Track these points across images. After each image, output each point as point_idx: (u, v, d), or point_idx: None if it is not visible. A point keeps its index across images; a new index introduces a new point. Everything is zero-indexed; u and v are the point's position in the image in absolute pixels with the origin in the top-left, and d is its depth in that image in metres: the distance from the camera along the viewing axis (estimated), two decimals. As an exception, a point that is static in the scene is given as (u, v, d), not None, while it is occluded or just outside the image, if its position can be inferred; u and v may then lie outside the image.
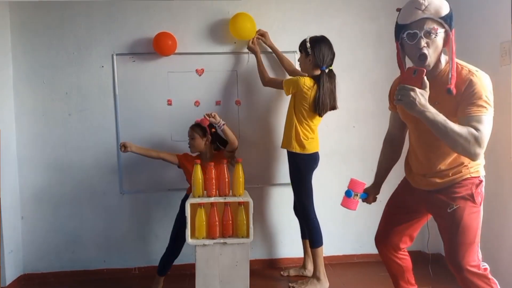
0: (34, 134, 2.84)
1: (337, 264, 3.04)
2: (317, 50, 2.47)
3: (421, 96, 1.54)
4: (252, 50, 2.82)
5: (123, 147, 2.49)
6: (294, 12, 2.95)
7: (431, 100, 1.58)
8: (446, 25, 1.61)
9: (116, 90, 2.87)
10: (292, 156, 2.60)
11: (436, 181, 1.79)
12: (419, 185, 1.89)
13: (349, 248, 3.12)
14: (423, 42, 1.61)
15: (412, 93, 1.53)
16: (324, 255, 2.69)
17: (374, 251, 3.08)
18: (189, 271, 2.90)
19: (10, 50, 2.79)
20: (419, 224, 2.02)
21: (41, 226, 2.88)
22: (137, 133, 2.85)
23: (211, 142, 2.56)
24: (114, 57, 2.85)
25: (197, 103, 2.91)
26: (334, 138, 3.01)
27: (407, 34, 1.63)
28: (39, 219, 2.88)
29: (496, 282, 1.81)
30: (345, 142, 3.05)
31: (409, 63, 1.71)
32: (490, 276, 1.79)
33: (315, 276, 2.62)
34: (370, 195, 2.07)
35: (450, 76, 1.62)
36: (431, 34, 1.60)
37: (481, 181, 1.77)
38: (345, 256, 3.12)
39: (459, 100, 1.62)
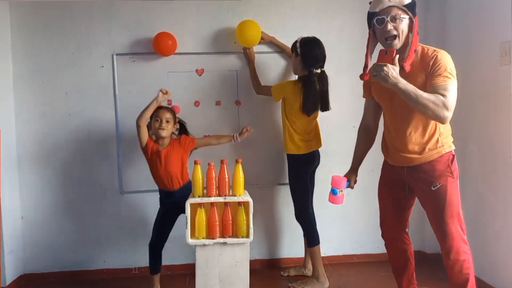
0: (34, 134, 2.84)
1: (337, 264, 3.03)
2: (305, 50, 2.50)
3: (393, 70, 1.79)
4: (247, 56, 2.84)
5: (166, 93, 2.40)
6: (294, 12, 2.95)
7: (403, 77, 1.82)
8: (409, 12, 1.88)
9: (116, 90, 2.87)
10: (288, 157, 2.64)
11: (415, 157, 1.98)
12: (398, 162, 2.07)
13: (349, 248, 3.12)
14: (390, 26, 1.87)
15: (385, 68, 1.79)
16: (324, 255, 2.69)
17: (374, 251, 3.11)
18: (189, 271, 2.91)
19: (10, 50, 2.79)
20: (413, 200, 2.18)
21: (41, 226, 2.88)
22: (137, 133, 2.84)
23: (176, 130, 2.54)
24: (114, 57, 2.85)
25: (197, 103, 2.91)
26: (334, 138, 3.01)
27: (376, 19, 1.90)
28: (39, 219, 2.88)
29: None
30: (345, 142, 3.03)
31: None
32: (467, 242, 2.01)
33: (314, 275, 2.63)
34: (350, 181, 2.29)
35: (406, 55, 1.88)
36: (396, 19, 1.86)
37: (454, 155, 1.99)
38: (345, 256, 3.11)
39: (427, 74, 1.87)
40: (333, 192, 2.17)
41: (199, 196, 2.24)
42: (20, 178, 2.85)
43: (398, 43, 1.89)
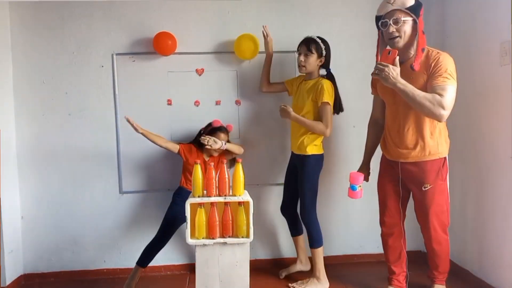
0: (34, 134, 2.84)
1: (337, 264, 3.03)
2: (327, 51, 2.57)
3: (393, 71, 1.93)
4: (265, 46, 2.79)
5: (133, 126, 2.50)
6: (294, 12, 2.95)
7: (406, 77, 1.97)
8: (412, 15, 2.01)
9: (116, 90, 2.87)
10: (307, 158, 2.56)
11: (410, 153, 2.14)
12: (394, 157, 2.22)
13: (349, 248, 3.12)
14: (392, 28, 2.03)
15: (386, 69, 1.94)
16: (324, 255, 2.69)
17: (374, 251, 3.12)
18: (189, 271, 2.91)
19: (10, 50, 2.79)
20: (408, 193, 2.35)
21: (41, 226, 2.88)
22: (137, 133, 2.84)
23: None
24: (114, 57, 2.85)
25: (197, 103, 2.91)
26: (334, 138, 3.01)
27: (380, 23, 2.08)
28: (39, 219, 2.88)
29: None
30: (345, 142, 3.05)
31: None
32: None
33: (315, 276, 2.63)
34: (365, 175, 2.43)
35: (414, 54, 2.02)
36: (398, 22, 2.01)
37: (446, 159, 2.17)
38: (345, 256, 3.11)
39: (429, 74, 2.00)
40: (352, 188, 2.33)
41: (199, 196, 2.24)
42: (20, 178, 2.85)
43: (400, 43, 2.04)
